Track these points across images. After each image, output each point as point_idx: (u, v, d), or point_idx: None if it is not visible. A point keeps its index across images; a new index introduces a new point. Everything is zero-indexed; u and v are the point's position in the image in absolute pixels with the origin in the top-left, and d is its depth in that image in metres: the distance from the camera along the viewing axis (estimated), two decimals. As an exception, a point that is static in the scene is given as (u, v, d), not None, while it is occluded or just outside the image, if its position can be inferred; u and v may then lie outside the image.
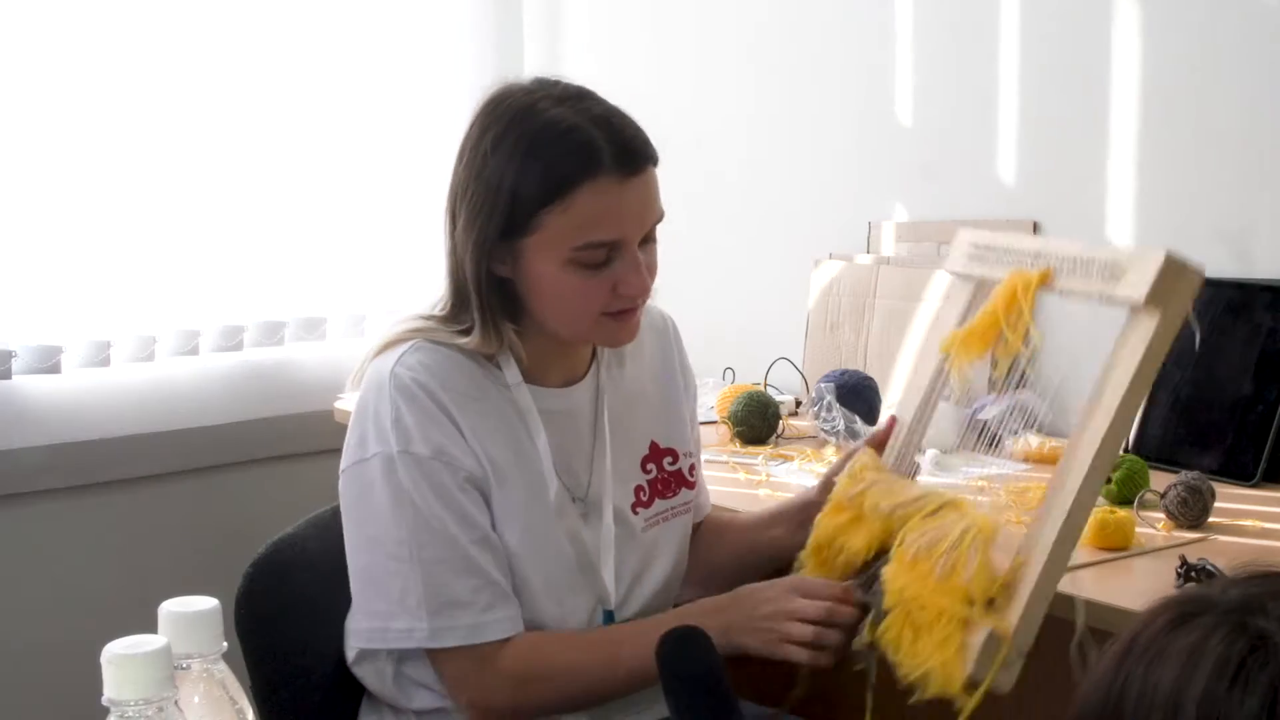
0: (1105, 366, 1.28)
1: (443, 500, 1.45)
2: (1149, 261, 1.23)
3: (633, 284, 1.46)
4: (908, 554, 1.34)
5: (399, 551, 1.45)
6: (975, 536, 1.31)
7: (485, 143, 1.45)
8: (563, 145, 1.42)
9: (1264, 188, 2.12)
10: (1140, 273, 1.24)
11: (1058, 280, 1.35)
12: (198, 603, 0.96)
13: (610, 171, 1.41)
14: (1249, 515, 1.80)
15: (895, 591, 1.33)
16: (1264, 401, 2.02)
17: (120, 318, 2.65)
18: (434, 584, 1.44)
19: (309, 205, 2.88)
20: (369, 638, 1.50)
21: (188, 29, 2.69)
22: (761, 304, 2.93)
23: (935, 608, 1.29)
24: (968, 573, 1.28)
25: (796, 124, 2.85)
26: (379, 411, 1.46)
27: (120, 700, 0.86)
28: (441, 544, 1.44)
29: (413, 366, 1.47)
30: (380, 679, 1.55)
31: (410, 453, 1.44)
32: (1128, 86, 2.26)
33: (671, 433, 1.67)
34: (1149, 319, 1.23)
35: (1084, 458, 1.26)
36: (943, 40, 2.57)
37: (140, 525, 2.73)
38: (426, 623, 1.44)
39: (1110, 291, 1.27)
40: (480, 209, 1.44)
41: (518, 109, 1.45)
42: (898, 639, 1.32)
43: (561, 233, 1.42)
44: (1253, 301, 2.08)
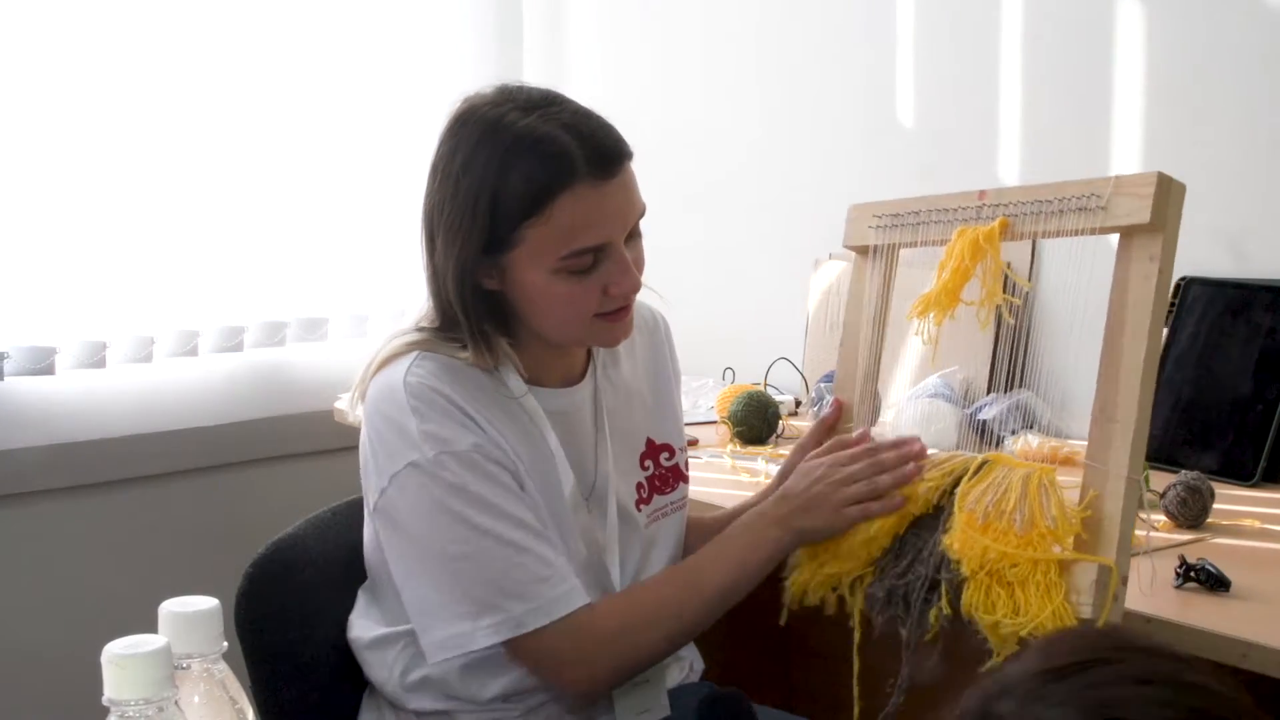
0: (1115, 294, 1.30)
1: (493, 486, 1.43)
2: (1142, 184, 1.28)
3: (623, 284, 1.45)
4: (975, 519, 1.34)
5: (465, 549, 1.42)
6: (1041, 481, 1.32)
7: (457, 161, 1.43)
8: (536, 156, 1.39)
9: (1264, 189, 2.12)
10: (1135, 197, 1.28)
11: (1017, 228, 1.37)
12: (198, 602, 0.96)
13: (587, 177, 1.40)
14: (1248, 515, 1.80)
15: (975, 557, 1.32)
16: (1263, 401, 2.03)
17: (117, 318, 2.64)
18: (510, 568, 1.42)
19: (309, 205, 2.88)
20: (453, 645, 1.43)
21: (187, 28, 2.69)
22: (761, 304, 2.93)
23: (1028, 560, 1.29)
24: (1049, 518, 1.29)
25: (797, 124, 2.85)
26: (401, 423, 1.44)
27: (120, 700, 0.87)
28: (507, 526, 1.42)
29: (424, 375, 1.46)
30: (387, 673, 1.55)
31: (448, 452, 1.42)
32: (1129, 88, 2.26)
33: (666, 429, 1.68)
34: (1153, 238, 1.26)
35: (1130, 379, 1.29)
36: (944, 41, 2.57)
37: (140, 525, 2.73)
38: (515, 609, 1.41)
39: (1101, 223, 1.31)
40: (459, 228, 1.42)
41: (486, 123, 1.42)
42: (989, 601, 1.31)
43: (545, 244, 1.41)
44: (1252, 301, 2.08)
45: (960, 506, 1.36)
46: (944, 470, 1.42)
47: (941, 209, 1.47)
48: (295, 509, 1.77)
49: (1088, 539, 1.29)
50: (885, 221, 1.54)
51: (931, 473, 1.43)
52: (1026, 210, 1.37)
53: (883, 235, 1.54)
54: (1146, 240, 1.29)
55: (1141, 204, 1.28)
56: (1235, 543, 1.69)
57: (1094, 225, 1.32)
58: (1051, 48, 2.39)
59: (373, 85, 2.97)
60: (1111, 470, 1.29)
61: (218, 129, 2.74)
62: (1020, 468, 1.36)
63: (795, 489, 1.50)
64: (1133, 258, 1.30)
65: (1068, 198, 1.34)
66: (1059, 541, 1.29)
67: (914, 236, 1.50)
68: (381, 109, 2.98)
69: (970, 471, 1.39)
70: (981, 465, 1.39)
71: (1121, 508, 1.28)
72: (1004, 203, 1.40)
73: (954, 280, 1.42)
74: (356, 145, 2.95)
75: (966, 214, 1.43)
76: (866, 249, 1.58)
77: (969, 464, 1.40)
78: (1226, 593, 1.47)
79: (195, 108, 2.71)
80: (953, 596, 1.35)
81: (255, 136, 2.80)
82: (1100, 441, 1.31)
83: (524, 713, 1.53)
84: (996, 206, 1.40)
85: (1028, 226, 1.38)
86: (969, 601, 1.33)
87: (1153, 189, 1.28)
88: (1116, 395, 1.30)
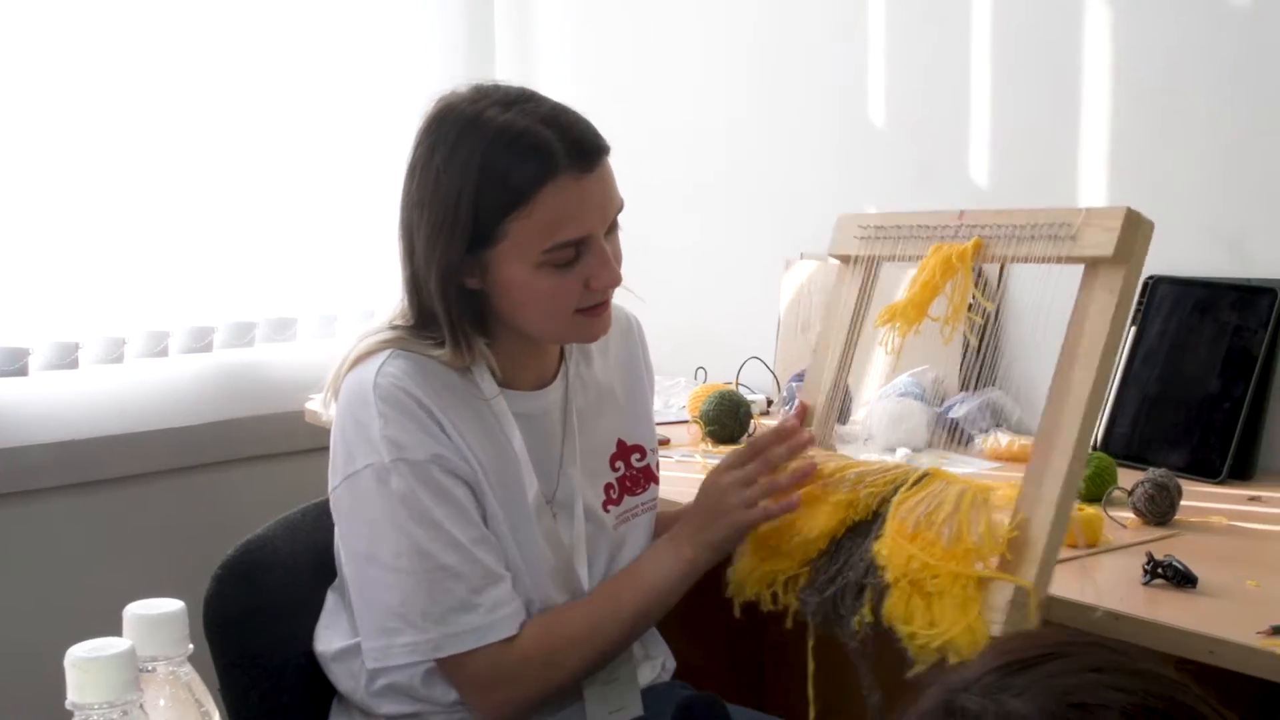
0: (1073, 323, 1.32)
1: (441, 501, 1.44)
2: (1110, 218, 1.31)
3: (604, 277, 1.46)
4: (905, 528, 1.35)
5: (397, 563, 1.43)
6: (973, 498, 1.33)
7: (436, 159, 1.43)
8: (517, 151, 1.40)
9: (1233, 188, 2.14)
10: (1102, 230, 1.31)
11: (991, 249, 1.40)
12: (163, 605, 0.95)
13: (568, 170, 1.41)
14: (1215, 512, 1.81)
15: (900, 564, 1.34)
16: (1230, 399, 2.04)
17: (88, 319, 2.63)
18: (436, 591, 1.43)
19: (278, 206, 2.87)
20: (377, 657, 1.46)
21: (154, 32, 2.68)
22: (733, 304, 2.94)
23: (948, 573, 1.30)
24: (975, 534, 1.30)
25: (768, 124, 2.86)
26: (366, 423, 1.44)
27: (84, 704, 0.86)
28: (443, 547, 1.43)
29: (395, 374, 1.45)
30: (354, 683, 1.55)
31: (405, 459, 1.43)
32: (1100, 85, 2.28)
33: (638, 430, 1.68)
34: (1115, 272, 1.28)
35: (1074, 412, 1.30)
36: (915, 39, 2.58)
37: (109, 527, 2.71)
38: (432, 633, 1.43)
39: (1068, 252, 1.33)
40: (441, 226, 1.42)
41: (465, 120, 1.43)
42: (907, 611, 1.32)
43: (529, 237, 1.41)
44: (1219, 300, 2.10)
45: (894, 514, 1.38)
46: (886, 478, 1.43)
47: (923, 225, 1.50)
48: (265, 510, 1.77)
49: (1011, 559, 1.30)
50: (870, 233, 1.57)
51: (874, 479, 1.44)
52: (1000, 233, 1.41)
53: (865, 246, 1.57)
54: (1109, 273, 1.32)
55: (1107, 236, 1.31)
56: (1202, 539, 1.70)
57: (1061, 254, 1.35)
58: (1022, 48, 2.40)
59: (341, 86, 2.96)
60: (1043, 496, 1.30)
61: (186, 131, 2.73)
62: (957, 484, 1.37)
63: (695, 506, 1.53)
64: (1095, 289, 1.33)
65: (1040, 225, 1.37)
66: (982, 559, 1.30)
67: (894, 250, 1.53)
68: (350, 110, 2.97)
69: (909, 482, 1.40)
70: (922, 477, 1.40)
71: (1048, 534, 1.29)
72: (980, 224, 1.43)
73: (922, 294, 1.44)
74: (324, 145, 2.94)
75: (945, 232, 1.47)
76: (848, 258, 1.59)
77: (910, 474, 1.41)
78: (1193, 589, 1.48)
79: (164, 110, 2.70)
80: (875, 603, 1.37)
81: (223, 138, 2.79)
82: (1037, 467, 1.33)
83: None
84: (974, 227, 1.44)
85: (1000, 249, 1.41)
86: (889, 610, 1.35)
87: (1120, 223, 1.31)
88: (1059, 424, 1.32)
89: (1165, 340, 2.14)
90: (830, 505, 1.44)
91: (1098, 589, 1.53)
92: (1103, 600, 1.46)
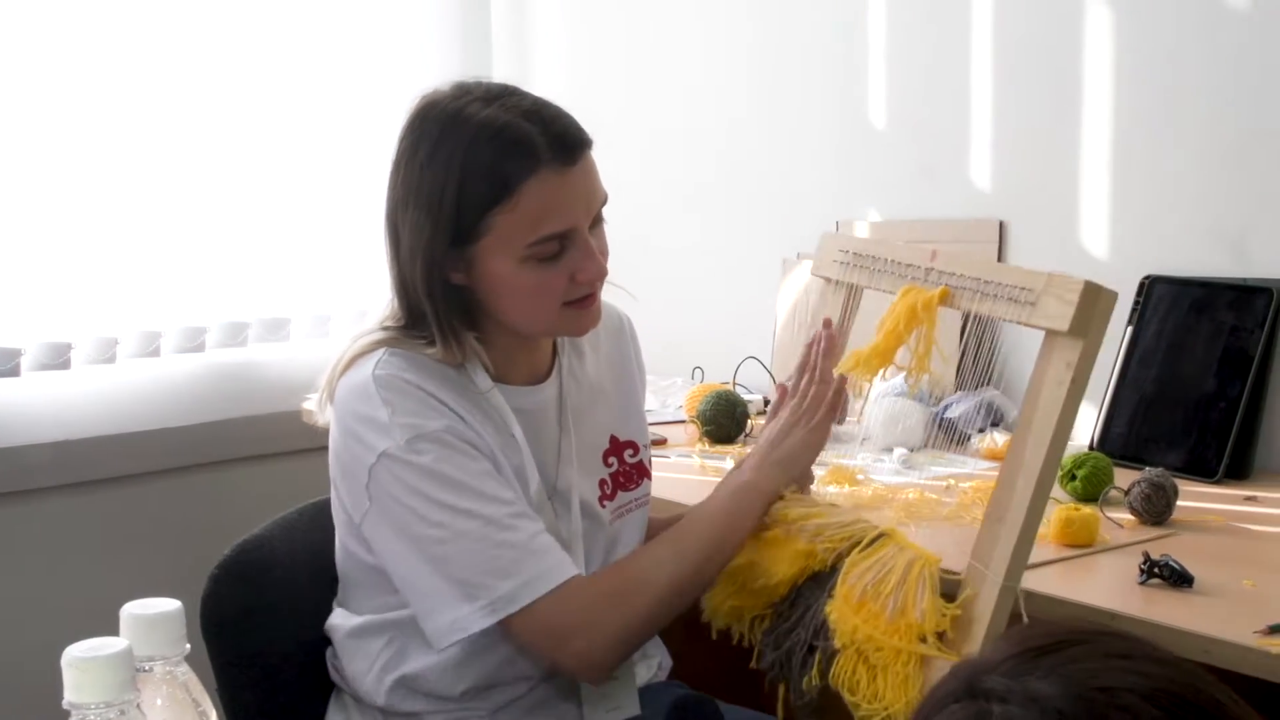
0: (1030, 391, 1.29)
1: (467, 463, 1.43)
2: (1068, 290, 1.25)
3: (589, 269, 1.46)
4: (854, 594, 1.35)
5: (440, 535, 1.41)
6: (921, 571, 1.32)
7: (419, 156, 1.43)
8: (500, 145, 1.40)
9: (1230, 189, 2.14)
10: (1060, 301, 1.26)
11: (956, 299, 1.37)
12: (160, 605, 0.95)
13: (550, 163, 1.41)
14: (1212, 512, 1.82)
15: (846, 633, 1.34)
16: (1226, 399, 2.04)
17: (81, 320, 2.62)
18: (491, 547, 1.41)
19: (270, 205, 2.87)
20: (455, 630, 1.42)
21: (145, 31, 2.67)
22: (731, 304, 2.93)
23: (891, 648, 1.30)
24: (919, 610, 1.30)
25: (767, 124, 2.86)
26: (372, 415, 1.44)
27: (81, 704, 0.86)
28: (484, 503, 1.42)
29: (393, 367, 1.45)
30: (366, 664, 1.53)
31: (421, 435, 1.42)
32: (1099, 88, 2.28)
33: (630, 426, 1.68)
34: (1072, 345, 1.24)
35: (1024, 491, 1.28)
36: (915, 41, 2.58)
37: (105, 527, 2.71)
38: (503, 587, 1.40)
39: (1026, 318, 1.29)
40: (425, 222, 1.42)
41: (445, 117, 1.43)
42: (854, 679, 1.33)
43: (513, 231, 1.41)
44: (1216, 300, 2.10)
45: (844, 578, 1.37)
46: (843, 534, 1.42)
47: (898, 260, 1.48)
48: (261, 510, 1.76)
49: (954, 638, 1.30)
50: (848, 259, 1.56)
51: (831, 535, 1.42)
52: (966, 285, 1.38)
53: (843, 272, 1.56)
54: (1065, 345, 1.27)
55: (1063, 310, 1.26)
56: (1199, 539, 1.70)
57: (1021, 318, 1.31)
58: (1023, 48, 2.41)
59: (335, 86, 2.96)
60: (990, 574, 1.29)
61: (179, 131, 2.72)
62: (908, 551, 1.36)
63: (764, 443, 1.54)
64: (1051, 360, 1.29)
65: (1003, 284, 1.33)
66: (925, 634, 1.30)
67: (870, 281, 1.53)
68: (343, 109, 2.96)
69: (864, 542, 1.39)
70: (877, 538, 1.39)
71: (992, 612, 1.28)
72: (950, 271, 1.40)
73: (886, 343, 1.43)
74: (317, 145, 2.93)
75: (916, 273, 1.44)
76: (829, 280, 1.60)
77: (867, 533, 1.40)
78: (1190, 589, 1.48)
79: (157, 110, 2.69)
80: (824, 666, 1.37)
81: (216, 137, 2.78)
82: (986, 541, 1.31)
83: (490, 712, 1.53)
84: (942, 274, 1.41)
85: (964, 301, 1.38)
86: (835, 675, 1.35)
87: (1077, 296, 1.25)
88: (1010, 498, 1.29)
89: (1162, 340, 2.14)
90: (792, 553, 1.44)
91: (1095, 589, 1.53)
92: (1099, 600, 1.47)
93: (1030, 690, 0.70)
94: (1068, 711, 0.69)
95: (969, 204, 2.48)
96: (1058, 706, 0.69)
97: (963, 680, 0.74)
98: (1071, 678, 0.70)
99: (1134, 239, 2.25)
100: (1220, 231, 2.15)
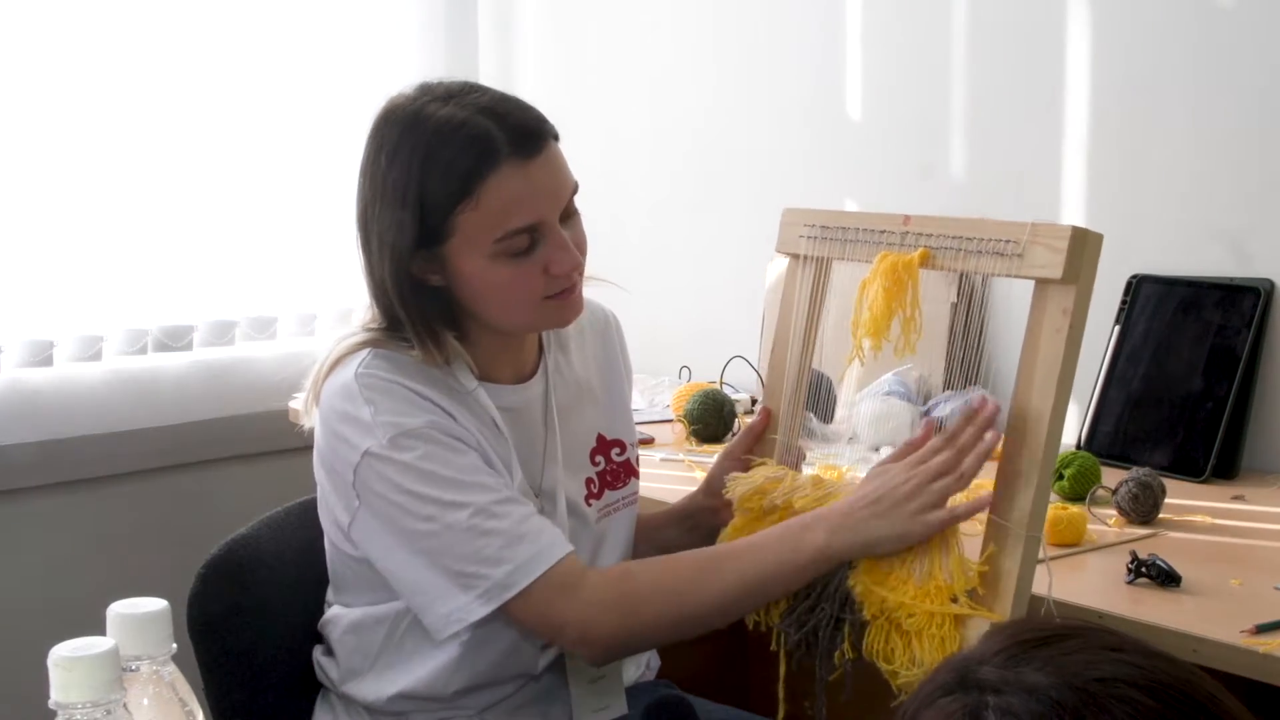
0: (1028, 343, 1.30)
1: (450, 456, 1.42)
2: (1056, 237, 1.25)
3: (562, 262, 1.44)
4: (877, 565, 1.35)
5: (429, 528, 1.40)
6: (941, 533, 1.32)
7: (381, 159, 1.43)
8: (457, 142, 1.40)
9: (1216, 187, 2.14)
10: (1049, 250, 1.26)
11: (938, 260, 1.36)
12: (146, 604, 0.95)
13: (511, 157, 1.40)
14: (1199, 511, 1.82)
15: (875, 603, 1.34)
16: (1213, 398, 2.05)
17: (65, 317, 2.61)
18: (480, 536, 1.39)
19: (256, 204, 2.86)
20: (454, 620, 1.42)
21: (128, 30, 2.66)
22: (717, 302, 2.93)
23: (924, 612, 1.30)
24: (946, 573, 1.30)
25: (749, 120, 2.86)
26: (355, 414, 1.43)
27: (67, 703, 0.85)
28: (467, 493, 1.41)
29: (377, 367, 1.45)
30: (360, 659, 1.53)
31: (404, 432, 1.41)
32: (1082, 83, 2.28)
33: (617, 424, 1.68)
34: (1066, 292, 1.24)
35: (1036, 438, 1.28)
36: (893, 34, 2.58)
37: (91, 527, 2.70)
38: (496, 573, 1.39)
39: (1016, 270, 1.29)
40: (391, 226, 1.42)
41: (405, 118, 1.44)
42: (888, 648, 1.33)
43: (479, 229, 1.41)
44: (1203, 299, 2.11)
45: None
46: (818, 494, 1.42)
47: (868, 229, 1.46)
48: (248, 509, 1.76)
49: (984, 594, 1.30)
50: (815, 232, 1.53)
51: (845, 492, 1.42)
52: (946, 244, 1.36)
53: (812, 246, 1.54)
54: (1059, 293, 1.28)
55: (1055, 258, 1.26)
56: (1186, 538, 1.71)
57: (1010, 271, 1.30)
58: (1003, 43, 2.41)
59: (320, 85, 2.95)
60: (1012, 527, 1.29)
61: (163, 129, 2.72)
62: None
63: (864, 499, 1.37)
64: (1046, 309, 1.29)
65: (985, 239, 1.32)
66: (956, 594, 1.30)
67: (841, 252, 1.50)
68: (329, 108, 2.95)
69: None
70: None
71: (1019, 564, 1.29)
72: (926, 232, 1.39)
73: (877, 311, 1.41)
74: (302, 143, 2.93)
75: (891, 238, 1.42)
76: (797, 256, 1.57)
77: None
78: (1177, 588, 1.49)
79: (142, 108, 2.69)
80: (855, 638, 1.37)
81: (201, 135, 2.77)
82: (1004, 495, 1.31)
83: (478, 711, 1.53)
84: (920, 235, 1.39)
85: (947, 260, 1.37)
86: (869, 646, 1.35)
87: (1066, 243, 1.25)
88: (1022, 450, 1.30)
89: (1149, 339, 2.14)
90: None
91: (1082, 588, 1.54)
92: (1087, 599, 1.47)
93: (1026, 682, 0.70)
94: (1065, 702, 0.69)
95: (950, 199, 2.48)
96: (1055, 697, 0.69)
97: (954, 673, 0.73)
98: (1067, 669, 0.70)
99: (1121, 238, 2.24)
100: (1206, 230, 2.15)
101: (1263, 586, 1.50)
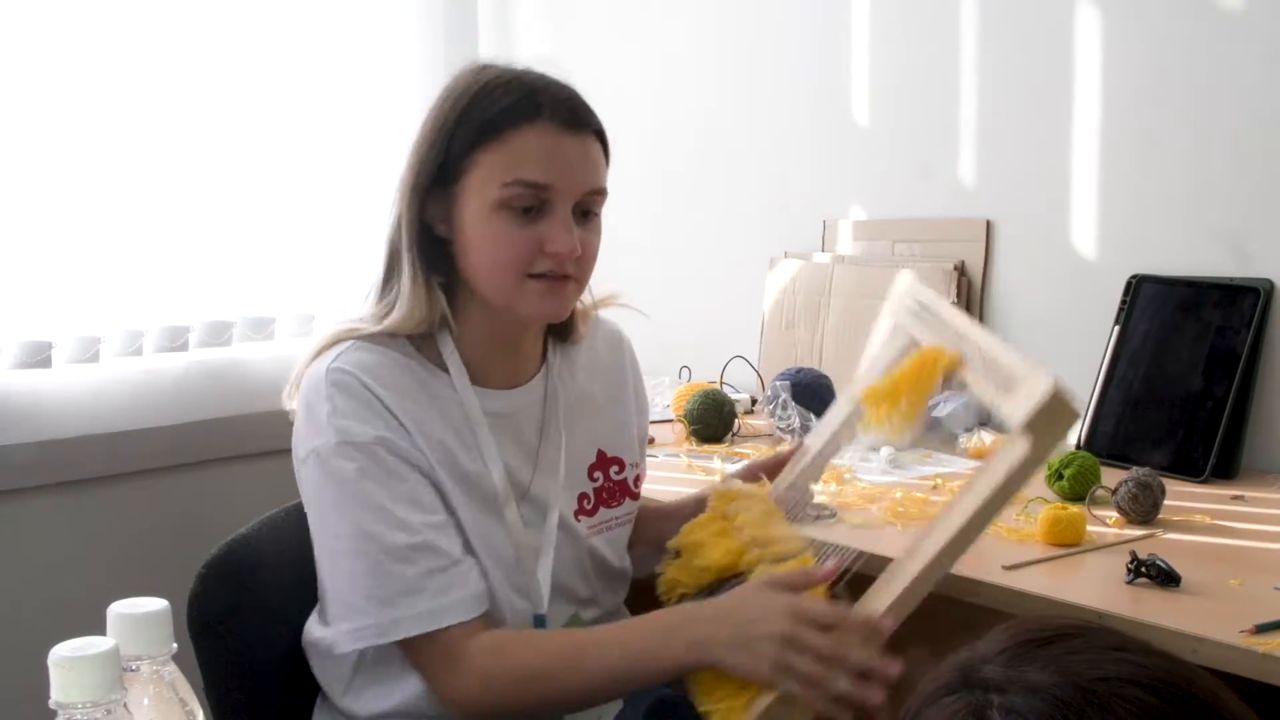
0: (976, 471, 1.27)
1: (388, 483, 1.42)
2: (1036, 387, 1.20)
3: (560, 241, 1.44)
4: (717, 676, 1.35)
5: (338, 546, 1.43)
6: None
7: (436, 104, 1.49)
8: (504, 94, 1.44)
9: (1216, 188, 2.14)
10: (1027, 397, 1.21)
11: (965, 369, 1.34)
12: (146, 604, 0.95)
13: (549, 120, 1.44)
14: (1198, 511, 1.82)
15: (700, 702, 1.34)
16: (1213, 398, 2.05)
17: (63, 318, 2.61)
18: (381, 575, 1.40)
19: (255, 204, 2.85)
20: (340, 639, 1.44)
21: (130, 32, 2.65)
22: (718, 302, 2.94)
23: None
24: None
25: (753, 123, 2.86)
26: (316, 409, 1.45)
27: (68, 703, 0.85)
28: (387, 529, 1.40)
29: (349, 363, 1.46)
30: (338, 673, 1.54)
31: (350, 442, 1.42)
32: (1087, 86, 2.28)
33: (619, 442, 1.67)
34: (1022, 443, 1.21)
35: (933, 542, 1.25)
36: (899, 39, 2.58)
37: (91, 527, 2.70)
38: (377, 617, 1.40)
39: (1001, 403, 1.25)
40: (416, 164, 1.47)
41: (471, 69, 1.50)
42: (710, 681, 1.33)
43: (492, 169, 1.43)
44: (1203, 300, 2.11)
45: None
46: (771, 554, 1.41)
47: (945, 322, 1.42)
48: (248, 509, 1.76)
49: None
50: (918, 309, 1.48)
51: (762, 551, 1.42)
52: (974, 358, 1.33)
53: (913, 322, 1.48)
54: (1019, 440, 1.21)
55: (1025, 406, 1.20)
56: (1186, 538, 1.71)
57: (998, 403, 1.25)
58: (1011, 46, 2.41)
59: (319, 84, 2.94)
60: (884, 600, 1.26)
61: (161, 130, 2.71)
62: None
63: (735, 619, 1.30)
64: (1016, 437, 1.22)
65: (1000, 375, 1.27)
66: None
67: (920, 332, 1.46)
68: (327, 108, 2.95)
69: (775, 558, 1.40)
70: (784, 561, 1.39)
71: None
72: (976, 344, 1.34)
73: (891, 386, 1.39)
74: (301, 143, 2.92)
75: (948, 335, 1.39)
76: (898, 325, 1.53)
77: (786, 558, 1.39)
78: (1177, 588, 1.48)
79: (140, 108, 2.68)
80: None
81: (199, 136, 2.76)
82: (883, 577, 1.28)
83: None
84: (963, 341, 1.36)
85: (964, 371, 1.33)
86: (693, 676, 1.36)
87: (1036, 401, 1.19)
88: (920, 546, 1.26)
89: (1149, 339, 2.14)
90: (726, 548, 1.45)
91: (1081, 588, 1.54)
92: (1086, 599, 1.47)
93: (1030, 681, 0.70)
94: (1070, 701, 0.69)
95: (956, 202, 2.48)
96: (1059, 696, 0.69)
97: (957, 672, 0.73)
98: (1070, 669, 0.71)
99: (1121, 238, 2.26)
100: (1208, 231, 2.15)
101: (1262, 586, 1.50)
